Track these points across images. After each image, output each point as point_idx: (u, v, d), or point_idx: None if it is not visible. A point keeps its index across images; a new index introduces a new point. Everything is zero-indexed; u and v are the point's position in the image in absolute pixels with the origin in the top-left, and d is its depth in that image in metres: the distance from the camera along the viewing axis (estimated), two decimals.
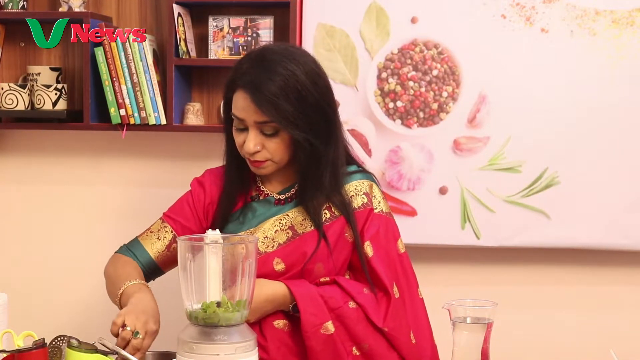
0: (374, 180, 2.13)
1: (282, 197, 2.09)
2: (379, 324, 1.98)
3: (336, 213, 2.04)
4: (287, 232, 2.04)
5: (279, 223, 2.05)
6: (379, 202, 2.09)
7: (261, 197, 2.10)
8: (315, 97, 1.97)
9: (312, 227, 2.04)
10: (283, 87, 1.94)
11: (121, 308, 1.97)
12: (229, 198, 2.11)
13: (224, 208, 2.11)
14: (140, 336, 1.80)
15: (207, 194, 2.15)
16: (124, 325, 1.81)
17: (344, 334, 1.97)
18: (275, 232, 2.05)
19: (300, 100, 1.95)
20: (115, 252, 2.20)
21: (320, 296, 1.96)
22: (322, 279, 2.01)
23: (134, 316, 1.83)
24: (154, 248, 2.13)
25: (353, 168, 2.12)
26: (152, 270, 2.15)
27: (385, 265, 2.03)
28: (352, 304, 1.98)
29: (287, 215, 2.06)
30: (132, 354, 1.77)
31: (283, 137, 1.98)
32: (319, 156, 2.00)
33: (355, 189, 2.07)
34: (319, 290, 1.97)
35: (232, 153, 2.09)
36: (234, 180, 2.10)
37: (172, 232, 2.13)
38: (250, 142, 1.98)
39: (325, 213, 2.04)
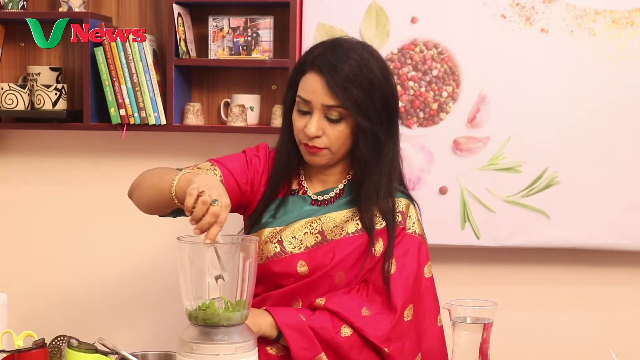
0: (413, 202, 2.11)
1: (320, 198, 2.07)
2: (378, 344, 1.95)
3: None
4: (317, 237, 2.02)
5: (310, 226, 2.03)
6: (414, 223, 2.07)
7: (300, 193, 2.08)
8: (384, 91, 1.97)
9: (343, 235, 2.01)
10: (357, 73, 1.93)
11: (176, 198, 1.86)
12: (275, 186, 2.08)
13: (267, 196, 2.08)
14: (218, 203, 1.71)
15: (261, 165, 2.10)
16: (202, 192, 1.71)
17: None
18: (304, 234, 2.03)
19: (371, 90, 1.94)
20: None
21: (310, 328, 1.93)
22: (317, 300, 1.98)
23: (207, 188, 1.73)
24: None
25: (396, 185, 2.09)
26: None
27: (404, 286, 2.00)
28: (345, 331, 1.95)
29: (319, 219, 2.03)
30: (211, 223, 1.69)
31: (347, 124, 1.96)
32: (380, 150, 1.99)
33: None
34: (309, 322, 1.94)
35: (286, 140, 2.06)
36: (283, 168, 2.07)
37: (220, 176, 2.04)
38: (313, 126, 1.95)
39: (358, 223, 2.02)
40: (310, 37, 2.78)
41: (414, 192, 2.80)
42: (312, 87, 1.96)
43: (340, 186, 2.08)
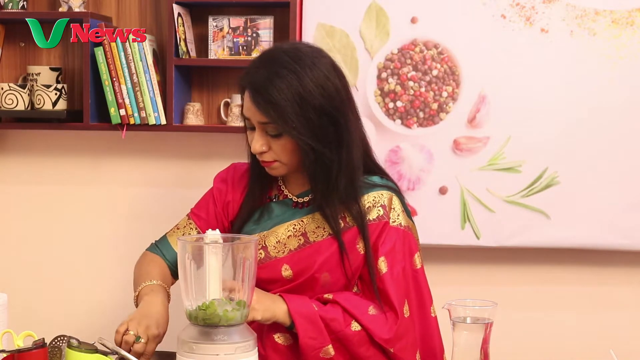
0: (396, 193, 2.07)
1: (301, 200, 2.06)
2: (385, 345, 1.95)
3: (350, 223, 2.00)
4: (299, 239, 2.02)
5: (293, 228, 2.03)
6: (398, 215, 2.04)
7: (280, 198, 2.08)
8: (319, 101, 1.92)
9: (325, 236, 2.01)
10: (283, 90, 1.90)
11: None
12: (253, 197, 2.09)
13: (247, 206, 2.10)
14: (143, 340, 1.80)
15: (229, 191, 2.14)
16: (127, 330, 1.82)
17: (346, 355, 1.96)
18: (287, 237, 2.03)
19: (302, 104, 1.91)
20: (145, 250, 2.19)
21: (321, 319, 1.93)
22: (325, 295, 1.98)
23: (136, 322, 1.84)
24: None
25: (376, 179, 2.07)
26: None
27: (397, 283, 1.99)
28: (354, 327, 1.95)
29: (302, 221, 2.03)
30: (137, 358, 1.77)
31: (287, 139, 1.94)
32: (327, 162, 1.95)
33: (374, 200, 2.02)
34: (321, 312, 1.94)
35: (252, 153, 2.06)
36: (256, 179, 2.09)
37: (196, 228, 2.12)
38: (256, 143, 1.96)
39: (339, 222, 2.01)
40: (310, 37, 2.79)
41: (414, 192, 2.82)
42: (247, 105, 1.96)
43: None
